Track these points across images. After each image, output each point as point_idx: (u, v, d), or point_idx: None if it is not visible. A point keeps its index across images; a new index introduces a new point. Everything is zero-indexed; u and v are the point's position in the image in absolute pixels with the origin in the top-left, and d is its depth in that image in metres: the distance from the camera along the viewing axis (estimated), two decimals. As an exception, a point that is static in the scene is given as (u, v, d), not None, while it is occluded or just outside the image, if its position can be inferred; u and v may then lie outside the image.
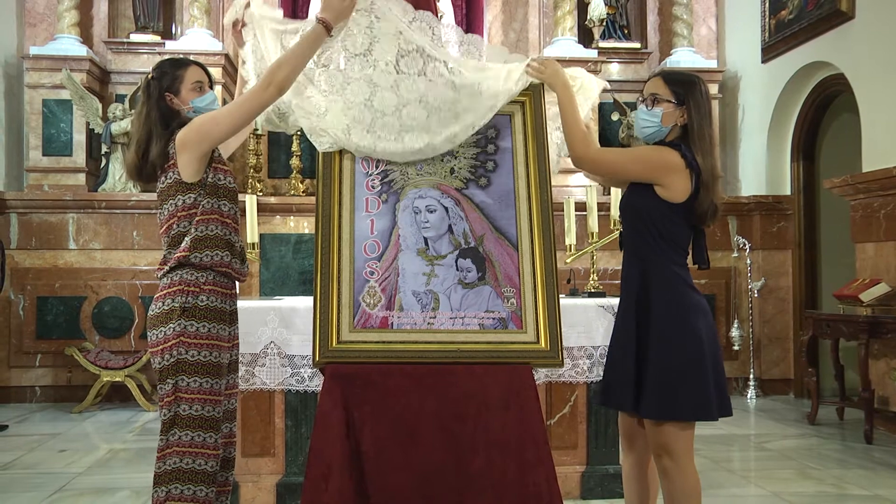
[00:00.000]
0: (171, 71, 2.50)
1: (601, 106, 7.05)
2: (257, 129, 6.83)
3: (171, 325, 2.37)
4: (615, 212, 3.97)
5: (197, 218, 2.40)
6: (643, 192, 2.40)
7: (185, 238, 2.40)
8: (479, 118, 2.37)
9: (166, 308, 2.39)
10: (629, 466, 2.58)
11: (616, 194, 3.95)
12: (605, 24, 7.23)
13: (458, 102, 2.36)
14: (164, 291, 2.42)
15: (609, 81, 7.06)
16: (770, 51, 6.77)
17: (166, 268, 2.43)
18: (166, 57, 2.86)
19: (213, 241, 2.40)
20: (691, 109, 2.39)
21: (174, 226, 2.43)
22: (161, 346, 2.39)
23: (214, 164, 2.48)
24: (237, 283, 2.57)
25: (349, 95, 2.38)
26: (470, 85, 2.38)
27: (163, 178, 2.45)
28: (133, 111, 4.18)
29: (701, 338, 2.33)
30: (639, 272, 2.40)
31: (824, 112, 6.68)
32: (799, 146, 6.78)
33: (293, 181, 6.92)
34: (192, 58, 2.65)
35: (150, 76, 2.54)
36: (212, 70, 6.21)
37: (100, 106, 6.55)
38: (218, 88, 6.59)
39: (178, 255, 2.39)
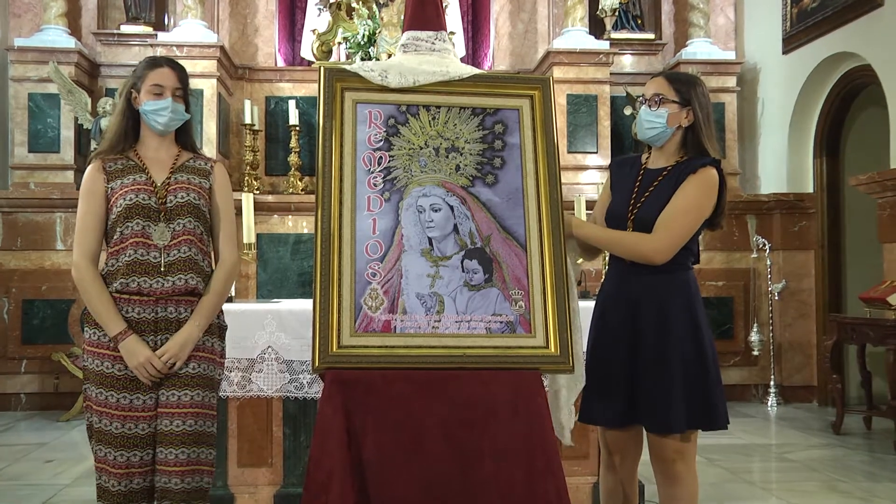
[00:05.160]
0: (142, 69, 2.49)
1: (613, 100, 7.00)
2: (254, 125, 6.88)
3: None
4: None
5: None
6: None
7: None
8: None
9: None
10: (614, 483, 2.57)
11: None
12: (617, 14, 7.15)
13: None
14: None
15: (622, 74, 7.27)
16: (792, 41, 6.72)
17: None
18: (157, 55, 2.88)
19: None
20: (696, 110, 2.42)
21: None
22: None
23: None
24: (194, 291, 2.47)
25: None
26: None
27: None
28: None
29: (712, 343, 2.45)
30: (660, 283, 2.40)
31: (849, 105, 6.63)
32: (822, 141, 6.74)
33: (292, 179, 6.91)
34: (185, 51, 2.70)
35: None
36: (206, 62, 6.33)
37: (88, 100, 6.47)
38: (213, 81, 6.55)
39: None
